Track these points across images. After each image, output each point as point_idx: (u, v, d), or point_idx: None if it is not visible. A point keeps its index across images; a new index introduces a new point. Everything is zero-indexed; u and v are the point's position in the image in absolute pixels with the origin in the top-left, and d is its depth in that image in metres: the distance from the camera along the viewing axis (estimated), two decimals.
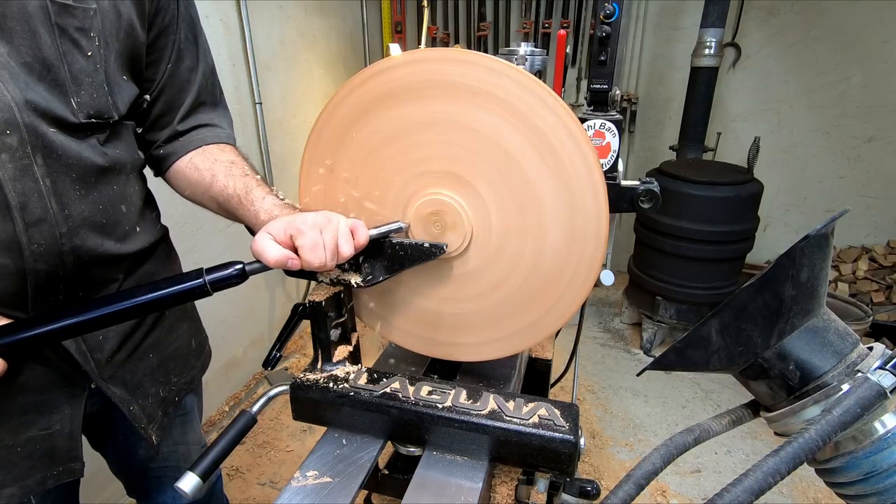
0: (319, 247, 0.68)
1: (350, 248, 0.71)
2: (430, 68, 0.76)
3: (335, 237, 0.70)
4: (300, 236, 0.68)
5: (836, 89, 3.00)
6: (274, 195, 0.82)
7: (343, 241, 0.71)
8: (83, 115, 0.67)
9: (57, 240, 0.67)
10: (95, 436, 0.97)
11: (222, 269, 0.68)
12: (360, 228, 0.73)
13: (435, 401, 0.76)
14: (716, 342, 0.54)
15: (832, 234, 0.54)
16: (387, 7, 3.54)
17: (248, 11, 2.28)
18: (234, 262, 0.69)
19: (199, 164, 0.87)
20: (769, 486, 0.43)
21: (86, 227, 0.71)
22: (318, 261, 0.69)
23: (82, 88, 0.67)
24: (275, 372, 2.68)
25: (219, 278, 0.68)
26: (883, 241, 3.14)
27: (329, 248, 0.69)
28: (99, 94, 0.69)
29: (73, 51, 0.65)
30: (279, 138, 2.68)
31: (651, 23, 3.26)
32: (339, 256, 0.71)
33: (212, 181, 0.85)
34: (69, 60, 0.65)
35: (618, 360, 2.86)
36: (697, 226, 2.51)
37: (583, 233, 0.77)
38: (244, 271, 0.69)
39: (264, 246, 0.68)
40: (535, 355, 1.21)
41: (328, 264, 0.70)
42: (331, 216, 0.72)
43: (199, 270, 0.68)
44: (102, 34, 0.68)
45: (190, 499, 0.68)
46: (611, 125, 1.14)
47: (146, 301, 0.67)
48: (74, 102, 0.66)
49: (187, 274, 0.68)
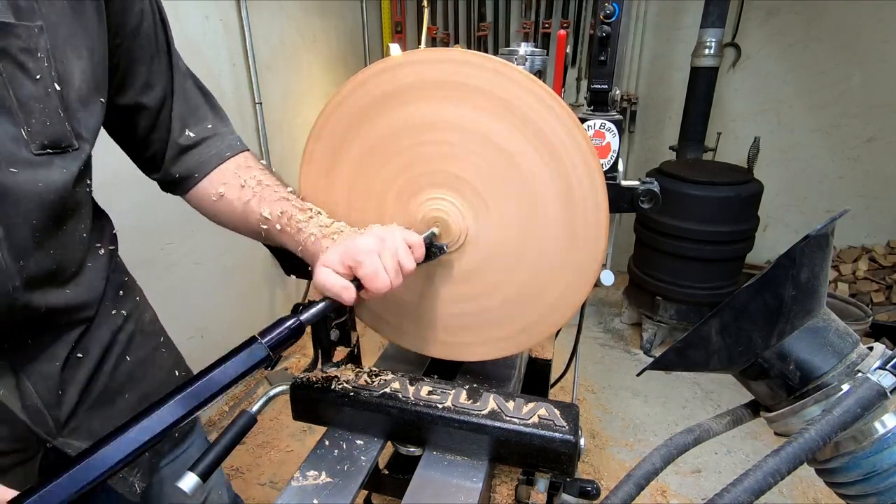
0: (381, 272, 0.66)
1: (412, 263, 0.70)
2: (429, 69, 0.76)
3: (395, 257, 0.68)
4: (360, 267, 0.66)
5: (836, 89, 3.00)
6: (317, 216, 0.77)
7: (404, 257, 0.69)
8: (36, 145, 0.59)
9: (9, 294, 0.59)
10: None
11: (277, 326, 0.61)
12: (415, 241, 0.71)
13: (435, 401, 0.76)
14: (716, 342, 0.54)
15: (832, 234, 0.54)
16: (387, 7, 3.54)
17: (248, 11, 2.28)
18: (288, 317, 0.63)
19: (226, 193, 0.79)
20: (769, 486, 0.43)
21: (41, 277, 0.63)
22: (384, 287, 0.66)
23: (32, 116, 0.58)
24: (275, 372, 2.68)
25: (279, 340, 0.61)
26: (883, 241, 3.14)
27: (391, 269, 0.67)
28: (53, 120, 0.60)
29: (18, 75, 0.56)
30: (279, 138, 2.68)
31: (651, 23, 3.26)
32: (403, 272, 0.69)
33: (245, 210, 0.79)
34: (14, 86, 0.56)
35: (618, 360, 2.86)
36: (697, 226, 2.51)
37: (583, 233, 0.77)
38: (300, 322, 0.63)
39: (334, 282, 0.65)
40: (535, 355, 1.21)
41: (394, 284, 0.68)
42: (384, 235, 0.69)
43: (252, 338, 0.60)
44: (53, 53, 0.59)
45: (189, 498, 0.68)
46: (611, 125, 1.14)
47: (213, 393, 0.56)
48: (25, 133, 0.58)
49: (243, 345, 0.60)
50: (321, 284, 0.66)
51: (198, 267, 2.19)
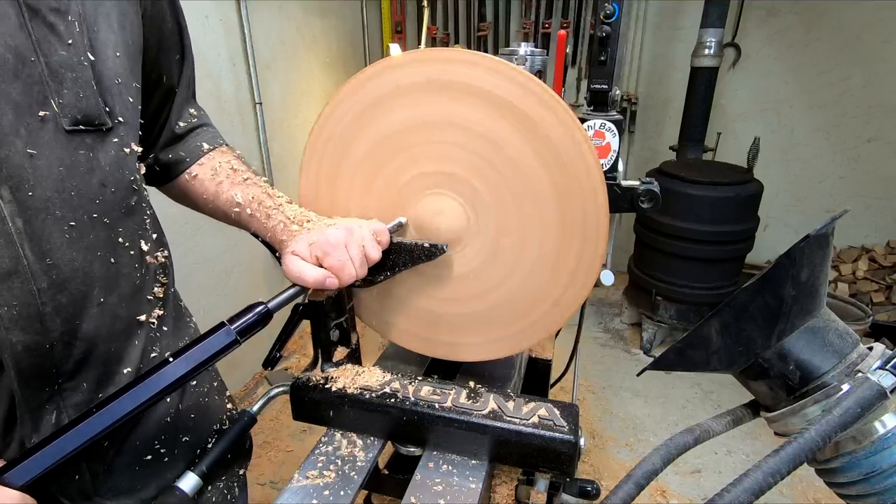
0: (348, 264, 0.69)
1: (377, 252, 0.73)
2: (429, 69, 0.76)
3: (361, 249, 0.70)
4: (326, 258, 0.68)
5: (836, 89, 3.00)
6: (286, 204, 0.78)
7: (370, 248, 0.71)
8: (68, 120, 0.53)
9: (35, 298, 0.53)
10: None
11: (245, 314, 0.63)
12: (381, 230, 0.74)
13: (435, 401, 0.76)
14: (716, 342, 0.54)
15: (832, 235, 0.54)
16: (387, 7, 3.54)
17: (248, 11, 2.28)
18: (254, 305, 0.65)
19: (200, 174, 0.79)
20: (769, 486, 0.43)
21: (78, 280, 0.56)
22: (350, 279, 0.69)
23: (64, 86, 0.52)
24: (275, 372, 2.68)
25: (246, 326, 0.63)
26: (883, 241, 3.14)
27: (357, 260, 0.70)
28: (86, 93, 0.54)
29: (49, 37, 0.51)
30: (279, 139, 2.68)
31: (651, 23, 3.26)
32: (368, 262, 0.72)
33: (217, 192, 0.78)
34: (45, 50, 0.51)
35: (618, 361, 2.86)
36: (697, 226, 2.51)
37: (583, 233, 0.77)
38: (268, 309, 0.65)
39: (300, 269, 0.68)
40: (535, 355, 1.21)
41: (360, 275, 0.71)
42: (352, 227, 0.71)
43: (220, 324, 0.61)
44: (84, 19, 0.54)
45: (189, 498, 0.68)
46: (611, 125, 1.14)
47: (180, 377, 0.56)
48: (55, 104, 0.52)
49: (211, 332, 0.60)
50: (290, 272, 0.68)
51: (198, 267, 2.20)
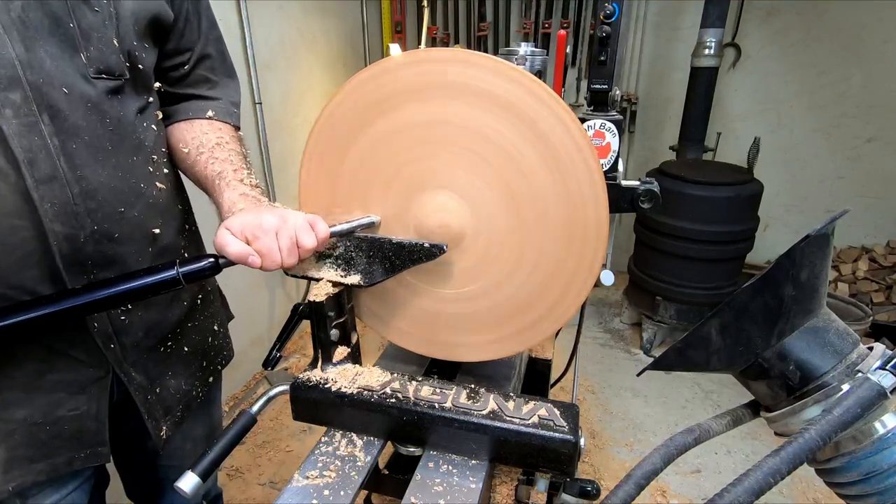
0: (274, 251, 0.71)
1: (311, 241, 0.73)
2: (429, 68, 0.76)
3: (291, 237, 0.72)
4: (256, 241, 0.71)
5: (836, 89, 3.00)
6: (243, 184, 0.82)
7: (303, 237, 0.72)
8: (93, 69, 0.68)
9: (70, 200, 0.68)
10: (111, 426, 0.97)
11: (196, 261, 0.70)
12: (318, 223, 0.75)
13: (435, 401, 0.76)
14: (716, 342, 0.54)
15: (832, 235, 0.54)
16: (387, 7, 3.54)
17: (247, 11, 2.28)
18: (208, 255, 0.71)
19: (187, 139, 0.87)
20: (769, 486, 0.43)
21: (103, 191, 0.71)
22: (273, 265, 0.72)
23: (91, 44, 0.68)
24: (275, 372, 2.68)
25: (192, 270, 0.70)
26: (883, 241, 3.14)
27: (285, 249, 0.71)
28: (109, 50, 0.70)
29: (81, 6, 0.67)
30: (279, 138, 2.68)
31: (651, 23, 3.26)
32: (301, 251, 0.73)
33: (195, 160, 0.86)
34: (77, 15, 0.66)
35: (618, 361, 2.86)
36: (697, 226, 2.51)
37: (583, 233, 0.77)
38: (217, 264, 0.71)
39: (226, 241, 0.70)
40: (535, 355, 1.21)
41: (286, 264, 0.72)
42: (287, 216, 0.73)
43: (172, 262, 0.69)
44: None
45: (189, 498, 0.68)
46: (611, 125, 1.14)
47: (114, 294, 0.67)
48: (84, 57, 0.67)
49: (160, 266, 0.70)
50: (216, 242, 0.71)
51: None
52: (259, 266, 0.71)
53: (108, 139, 0.72)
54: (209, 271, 0.70)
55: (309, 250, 0.73)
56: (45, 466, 0.76)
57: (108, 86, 0.71)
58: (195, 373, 0.95)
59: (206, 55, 0.90)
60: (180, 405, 0.92)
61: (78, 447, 0.79)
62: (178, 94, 0.90)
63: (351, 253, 0.81)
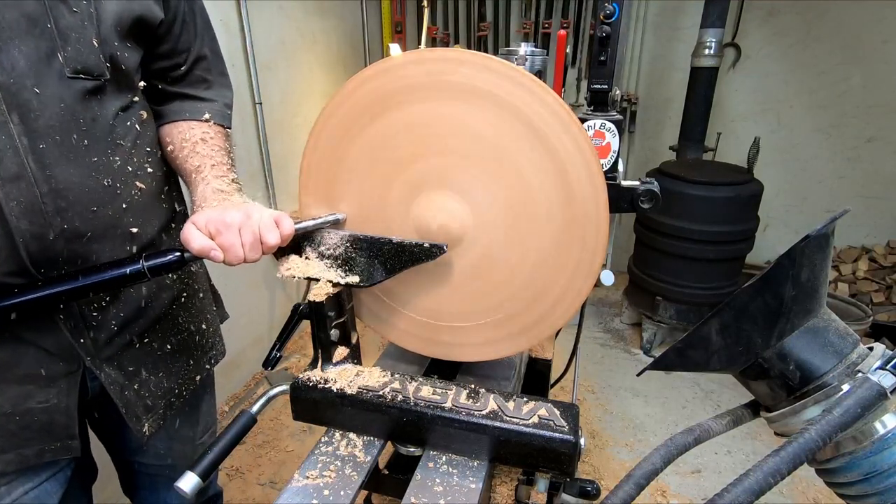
0: (237, 246, 0.72)
1: (275, 237, 0.74)
2: (429, 68, 0.76)
3: (255, 233, 0.73)
4: (219, 236, 0.72)
5: (836, 89, 3.00)
6: (219, 180, 0.84)
7: (267, 233, 0.73)
8: (70, 70, 0.68)
9: (38, 198, 0.67)
10: (97, 421, 0.97)
11: (162, 255, 0.71)
12: (283, 219, 0.76)
13: (435, 401, 0.76)
14: (716, 342, 0.54)
15: (832, 235, 0.54)
16: (387, 7, 3.54)
17: (248, 11, 2.28)
18: (173, 249, 0.72)
19: (174, 135, 0.88)
20: (769, 486, 0.43)
21: (75, 190, 0.71)
22: (237, 259, 0.73)
23: (69, 44, 0.67)
24: (275, 372, 2.68)
25: (157, 264, 0.70)
26: (883, 241, 3.14)
27: (247, 244, 0.72)
28: (88, 50, 0.69)
29: (59, 6, 0.66)
30: (279, 138, 2.68)
31: (651, 23, 3.26)
32: (264, 247, 0.74)
33: (177, 155, 0.87)
34: (55, 15, 0.66)
35: (618, 361, 2.86)
36: (697, 226, 2.51)
37: (583, 233, 0.77)
38: (183, 258, 0.72)
39: (191, 236, 0.71)
40: (535, 355, 1.21)
41: (248, 258, 0.73)
42: (251, 212, 0.74)
43: (137, 255, 0.71)
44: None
45: (189, 498, 0.68)
46: (611, 125, 1.14)
47: (79, 286, 0.68)
48: (62, 57, 0.67)
49: (127, 259, 0.71)
50: (182, 237, 0.72)
51: None
52: (221, 260, 0.72)
53: (82, 139, 0.71)
54: (175, 265, 0.71)
55: (272, 246, 0.74)
56: (14, 457, 0.76)
57: (87, 86, 0.70)
58: (179, 371, 0.94)
59: (202, 56, 0.91)
60: (163, 402, 0.91)
61: (48, 439, 0.78)
62: (175, 93, 0.90)
63: (351, 253, 0.81)
